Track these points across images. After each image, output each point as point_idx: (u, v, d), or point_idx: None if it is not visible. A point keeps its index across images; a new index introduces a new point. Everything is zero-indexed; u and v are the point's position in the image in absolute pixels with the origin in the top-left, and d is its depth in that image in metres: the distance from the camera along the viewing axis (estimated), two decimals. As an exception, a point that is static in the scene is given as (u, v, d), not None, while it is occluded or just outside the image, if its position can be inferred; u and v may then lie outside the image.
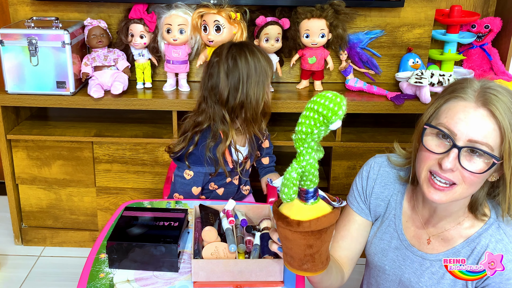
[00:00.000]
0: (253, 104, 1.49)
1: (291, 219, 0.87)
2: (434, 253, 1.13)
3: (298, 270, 0.94)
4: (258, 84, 1.49)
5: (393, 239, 1.19)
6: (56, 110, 2.30)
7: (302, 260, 0.92)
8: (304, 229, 0.87)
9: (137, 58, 2.12)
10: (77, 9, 2.16)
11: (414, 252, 1.15)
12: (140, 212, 1.36)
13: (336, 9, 2.01)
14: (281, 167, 2.26)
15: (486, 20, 2.25)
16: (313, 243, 0.90)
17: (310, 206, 0.88)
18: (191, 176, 1.62)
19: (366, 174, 1.24)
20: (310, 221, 0.86)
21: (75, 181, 2.16)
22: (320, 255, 0.93)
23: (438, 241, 1.13)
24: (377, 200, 1.22)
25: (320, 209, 0.88)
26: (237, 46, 1.53)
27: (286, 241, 0.91)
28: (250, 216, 1.41)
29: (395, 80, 2.18)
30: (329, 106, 0.80)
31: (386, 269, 1.21)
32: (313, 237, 0.88)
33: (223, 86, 1.49)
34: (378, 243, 1.22)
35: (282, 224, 0.89)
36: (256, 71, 1.48)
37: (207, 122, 1.54)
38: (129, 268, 1.22)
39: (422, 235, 1.16)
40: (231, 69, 1.48)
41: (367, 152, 2.08)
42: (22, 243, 2.29)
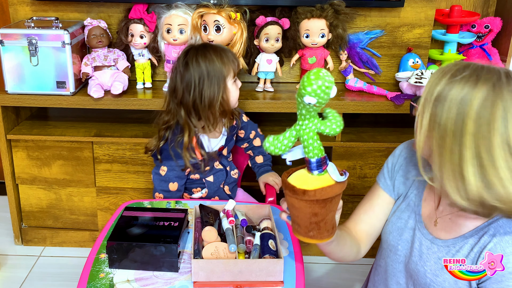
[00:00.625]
0: (206, 104, 1.58)
1: (297, 188, 0.93)
2: (443, 239, 1.13)
3: (305, 237, 1.00)
4: (211, 86, 1.56)
5: (410, 219, 1.20)
6: (56, 110, 2.30)
7: (308, 227, 0.98)
8: (310, 198, 0.93)
9: (137, 58, 2.12)
10: (77, 9, 2.16)
11: (426, 235, 1.16)
12: (140, 212, 1.36)
13: (336, 9, 2.01)
14: (280, 167, 2.26)
15: (486, 20, 2.25)
16: (318, 212, 0.95)
17: (316, 177, 0.94)
18: (165, 171, 1.67)
19: (399, 152, 1.27)
20: (315, 190, 0.92)
21: (75, 181, 2.16)
22: (326, 223, 0.98)
23: (446, 222, 1.13)
24: (403, 178, 1.24)
25: (326, 180, 0.94)
26: (193, 50, 1.61)
27: (293, 209, 0.98)
28: (250, 216, 1.42)
29: (395, 80, 2.19)
30: (304, 80, 0.86)
31: (399, 249, 1.21)
32: (318, 205, 0.94)
33: (178, 88, 1.60)
34: (395, 221, 1.23)
35: (289, 193, 0.95)
36: (208, 73, 1.56)
37: (173, 120, 1.65)
38: (129, 268, 1.22)
39: (433, 216, 1.16)
40: (183, 73, 1.58)
41: (367, 152, 2.08)
42: (22, 243, 2.29)
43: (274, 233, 1.28)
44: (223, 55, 1.59)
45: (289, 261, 1.27)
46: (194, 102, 1.58)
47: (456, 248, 1.10)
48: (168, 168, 1.67)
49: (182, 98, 1.60)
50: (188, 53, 1.60)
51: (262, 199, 1.86)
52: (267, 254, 1.20)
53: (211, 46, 1.63)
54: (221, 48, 1.63)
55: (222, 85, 1.58)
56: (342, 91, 2.14)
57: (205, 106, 1.58)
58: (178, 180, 1.68)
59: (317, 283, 2.11)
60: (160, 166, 1.68)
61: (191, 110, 1.60)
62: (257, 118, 2.09)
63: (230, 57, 1.61)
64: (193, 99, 1.58)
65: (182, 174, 1.68)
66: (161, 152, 1.68)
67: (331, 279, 2.14)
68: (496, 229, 1.06)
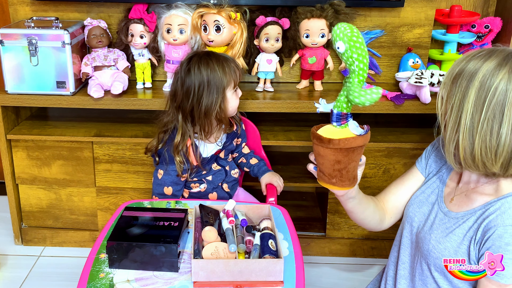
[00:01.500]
0: (203, 112, 1.60)
1: (323, 137, 1.06)
2: (454, 211, 1.18)
3: (328, 184, 1.12)
4: (210, 94, 1.59)
5: (433, 194, 1.27)
6: (56, 110, 2.30)
7: (331, 174, 1.10)
8: (334, 146, 1.05)
9: (137, 58, 2.12)
10: (77, 9, 2.16)
11: (442, 208, 1.22)
12: (140, 212, 1.36)
13: (336, 9, 2.01)
14: (280, 167, 2.26)
15: (486, 20, 2.25)
16: (341, 159, 1.07)
17: (340, 130, 1.08)
18: (161, 175, 1.69)
19: (436, 140, 1.34)
20: (339, 139, 1.05)
21: (75, 181, 2.16)
22: (348, 172, 1.10)
23: (462, 198, 1.19)
24: (436, 158, 1.31)
25: (350, 133, 1.07)
26: (196, 57, 1.63)
27: (319, 157, 1.10)
28: (250, 216, 1.42)
29: (395, 80, 2.18)
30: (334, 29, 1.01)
31: (415, 220, 1.27)
32: (341, 154, 1.06)
33: (178, 93, 1.63)
34: (419, 195, 1.30)
35: (316, 142, 1.08)
36: (208, 82, 1.59)
37: (172, 123, 1.67)
38: (129, 268, 1.22)
39: (451, 193, 1.23)
40: (184, 78, 1.61)
41: (367, 152, 2.08)
42: (22, 243, 2.29)
43: (274, 233, 1.28)
44: (225, 65, 1.62)
45: (289, 261, 1.27)
46: (192, 108, 1.61)
47: (464, 220, 1.15)
48: (164, 172, 1.69)
49: (181, 103, 1.62)
50: (191, 60, 1.62)
51: (262, 199, 1.86)
52: (267, 254, 1.20)
53: (214, 55, 1.65)
54: (224, 58, 1.65)
55: (221, 95, 1.61)
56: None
57: (202, 113, 1.61)
58: (173, 185, 1.69)
59: (317, 283, 2.11)
60: (158, 170, 1.71)
61: (188, 116, 1.63)
62: (257, 118, 2.09)
63: (232, 67, 1.63)
64: (191, 105, 1.61)
65: (178, 180, 1.69)
66: (159, 155, 1.70)
67: (331, 279, 2.14)
68: (503, 204, 1.09)
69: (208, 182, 1.74)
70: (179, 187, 1.71)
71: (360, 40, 1.00)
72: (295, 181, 2.16)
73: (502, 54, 1.05)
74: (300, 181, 2.15)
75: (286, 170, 2.19)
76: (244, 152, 1.88)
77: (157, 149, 1.70)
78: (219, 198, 1.76)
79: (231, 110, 1.67)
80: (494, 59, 1.04)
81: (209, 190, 1.75)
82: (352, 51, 0.99)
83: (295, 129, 2.17)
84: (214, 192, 1.75)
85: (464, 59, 1.09)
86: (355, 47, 0.99)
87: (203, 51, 1.70)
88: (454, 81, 1.08)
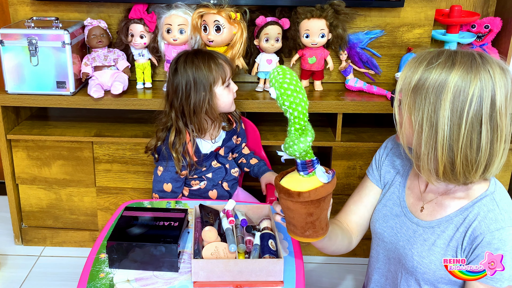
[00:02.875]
0: (191, 110, 1.63)
1: (292, 191, 0.97)
2: (427, 220, 1.16)
3: (301, 237, 1.04)
4: (197, 93, 1.61)
5: (395, 206, 1.24)
6: (56, 110, 2.30)
7: (304, 227, 1.02)
8: (304, 199, 0.96)
9: (137, 58, 2.12)
10: (77, 9, 2.16)
11: (411, 219, 1.19)
12: (140, 212, 1.36)
13: (336, 9, 2.01)
14: (280, 167, 2.26)
15: (486, 20, 2.25)
16: (313, 211, 0.99)
17: (308, 178, 0.98)
18: (161, 171, 1.69)
19: (384, 145, 1.33)
20: (309, 191, 0.96)
21: (75, 181, 2.16)
22: (320, 222, 1.02)
23: (432, 206, 1.16)
24: (388, 167, 1.28)
25: (317, 181, 0.97)
26: (183, 56, 1.66)
27: (289, 211, 1.01)
28: (250, 216, 1.42)
29: (395, 80, 2.19)
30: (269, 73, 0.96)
31: (385, 236, 1.24)
32: (312, 206, 0.98)
33: (169, 93, 1.67)
34: (381, 209, 1.27)
35: (284, 196, 0.98)
36: (194, 80, 1.61)
37: (169, 122, 1.69)
38: (129, 268, 1.22)
39: (419, 202, 1.19)
40: (173, 79, 1.64)
41: (367, 152, 2.08)
42: (22, 243, 2.29)
43: (274, 233, 1.28)
44: (211, 62, 1.63)
45: (289, 261, 1.27)
46: (182, 107, 1.64)
47: (441, 229, 1.13)
48: (164, 168, 1.69)
49: (172, 102, 1.65)
50: (178, 60, 1.65)
51: (262, 199, 1.86)
52: (267, 254, 1.20)
53: (201, 53, 1.66)
54: (211, 55, 1.66)
55: (209, 92, 1.62)
56: (342, 91, 2.14)
57: (191, 111, 1.63)
58: (173, 182, 1.69)
59: (317, 283, 2.11)
60: (158, 167, 1.71)
61: (179, 114, 1.65)
62: (257, 118, 2.09)
63: (220, 64, 1.64)
64: (180, 104, 1.63)
65: (177, 177, 1.70)
66: (158, 152, 1.72)
67: (331, 279, 2.14)
68: (480, 208, 1.08)
69: (208, 180, 1.75)
70: (178, 184, 1.71)
71: (292, 87, 0.91)
72: (295, 181, 2.15)
73: (465, 59, 1.00)
74: (300, 181, 2.15)
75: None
76: (244, 152, 1.88)
77: (156, 146, 1.71)
78: (219, 196, 1.76)
79: (224, 106, 1.67)
80: (460, 66, 0.99)
81: (209, 187, 1.75)
82: (284, 98, 0.92)
83: (295, 129, 2.16)
84: (214, 190, 1.76)
85: (420, 66, 1.03)
86: (286, 94, 0.92)
87: (192, 50, 1.73)
88: (417, 93, 1.02)
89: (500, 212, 1.07)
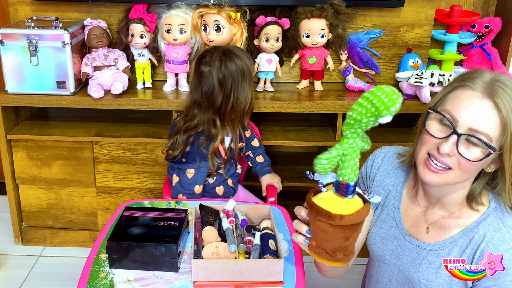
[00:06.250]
0: (241, 107, 1.64)
1: (333, 214, 0.89)
2: (430, 242, 1.14)
3: (329, 261, 0.96)
4: (245, 88, 1.63)
5: (392, 228, 1.21)
6: (56, 110, 2.30)
7: (336, 252, 0.95)
8: (346, 223, 0.89)
9: (137, 58, 2.12)
10: (77, 9, 2.16)
11: (412, 242, 1.16)
12: (140, 212, 1.36)
13: (336, 9, 2.01)
14: (280, 167, 2.26)
15: (486, 20, 2.25)
16: (351, 235, 0.93)
17: (348, 200, 0.91)
18: (193, 174, 1.69)
19: (371, 163, 1.28)
20: (351, 214, 0.89)
21: (75, 181, 2.16)
22: (352, 246, 0.97)
23: (435, 229, 1.14)
24: (378, 188, 1.24)
25: (356, 203, 0.91)
26: (226, 54, 1.64)
27: (324, 234, 0.93)
28: (250, 216, 1.41)
29: (395, 80, 2.18)
30: (383, 100, 0.81)
31: (386, 258, 1.22)
32: (352, 230, 0.92)
33: (217, 95, 1.63)
34: (377, 232, 1.24)
35: (323, 219, 0.90)
36: (244, 75, 1.62)
37: (202, 126, 1.67)
38: (129, 268, 1.22)
39: (421, 224, 1.17)
40: (224, 78, 1.61)
41: (367, 152, 2.08)
42: (22, 243, 2.29)
43: (274, 233, 1.28)
44: (247, 55, 1.67)
45: (289, 261, 1.27)
46: (232, 105, 1.64)
47: (446, 251, 1.11)
48: (196, 170, 1.70)
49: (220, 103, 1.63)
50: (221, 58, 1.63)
51: (262, 197, 1.86)
52: (267, 254, 1.20)
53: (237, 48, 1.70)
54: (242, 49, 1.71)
55: (251, 85, 1.66)
56: (342, 91, 2.13)
57: (240, 108, 1.64)
58: (203, 184, 1.71)
59: (317, 283, 2.11)
60: (187, 169, 1.71)
61: (226, 114, 1.65)
62: (257, 118, 2.09)
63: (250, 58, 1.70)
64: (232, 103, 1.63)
65: (205, 178, 1.72)
66: (187, 156, 1.71)
67: (331, 279, 2.13)
68: (486, 228, 1.07)
69: (218, 175, 1.76)
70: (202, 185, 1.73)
71: None
72: (295, 181, 2.15)
73: None
74: (300, 181, 2.15)
75: (286, 170, 2.19)
76: (254, 145, 1.88)
77: (185, 151, 1.68)
78: (225, 192, 1.77)
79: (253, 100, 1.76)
80: None
81: (216, 183, 1.76)
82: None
83: (295, 129, 2.17)
84: (221, 186, 1.76)
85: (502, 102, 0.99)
86: None
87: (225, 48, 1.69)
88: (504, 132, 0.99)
89: (507, 231, 1.05)
